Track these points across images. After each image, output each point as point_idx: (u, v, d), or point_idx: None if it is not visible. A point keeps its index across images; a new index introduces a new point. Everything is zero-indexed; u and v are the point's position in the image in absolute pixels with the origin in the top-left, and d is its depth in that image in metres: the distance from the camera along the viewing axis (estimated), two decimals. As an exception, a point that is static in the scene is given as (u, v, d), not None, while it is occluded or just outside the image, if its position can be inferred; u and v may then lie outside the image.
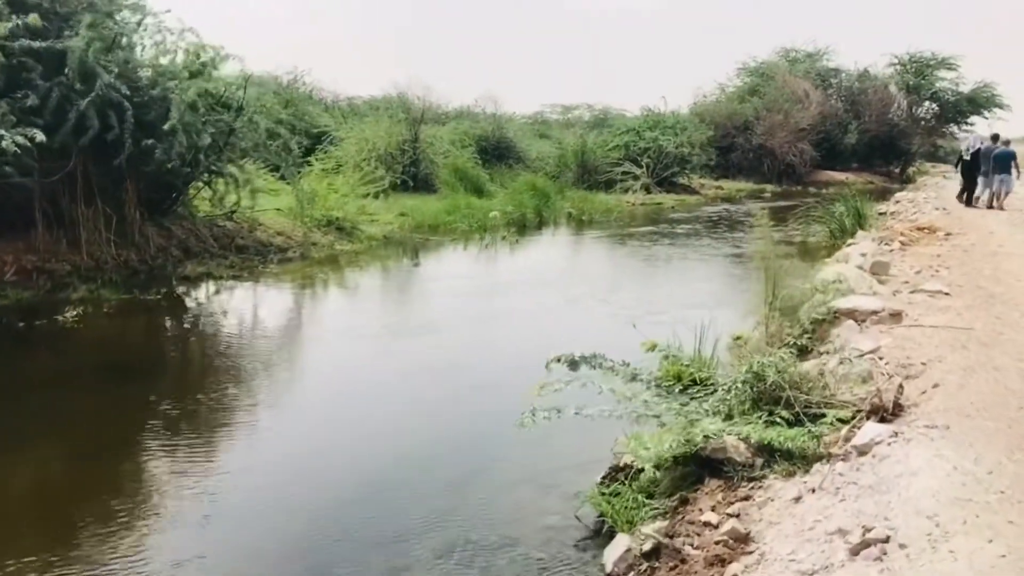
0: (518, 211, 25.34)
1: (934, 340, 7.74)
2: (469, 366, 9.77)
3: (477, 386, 8.97)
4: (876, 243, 14.32)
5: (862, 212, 21.20)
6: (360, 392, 8.89)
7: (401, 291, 14.95)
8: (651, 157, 36.42)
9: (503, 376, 9.15)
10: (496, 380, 9.02)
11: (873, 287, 10.20)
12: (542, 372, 7.79)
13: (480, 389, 8.85)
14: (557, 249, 21.34)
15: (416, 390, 8.84)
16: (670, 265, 18.25)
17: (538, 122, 52.89)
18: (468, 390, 8.86)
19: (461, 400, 8.53)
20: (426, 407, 8.32)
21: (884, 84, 49.86)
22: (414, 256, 18.55)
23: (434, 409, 8.26)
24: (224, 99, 17.02)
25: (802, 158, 43.98)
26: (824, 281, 10.27)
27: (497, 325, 11.70)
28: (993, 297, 10.05)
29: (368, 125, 31.74)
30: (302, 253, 17.66)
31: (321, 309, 13.45)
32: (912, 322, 8.71)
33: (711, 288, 14.49)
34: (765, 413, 6.16)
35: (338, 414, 8.23)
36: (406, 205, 25.47)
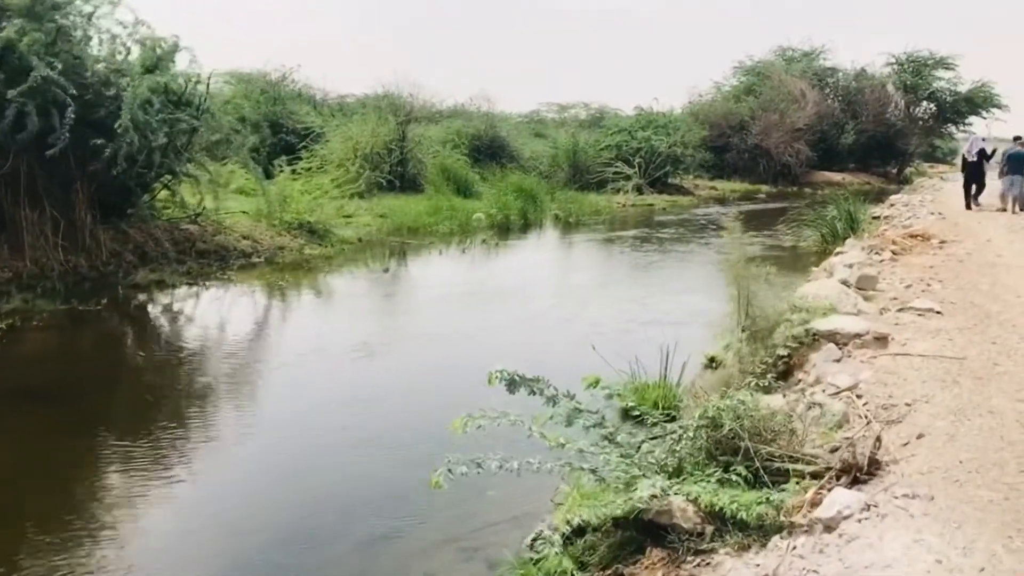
0: (502, 213, 24.36)
1: (921, 373, 6.76)
2: (404, 396, 8.65)
3: (409, 420, 7.97)
4: (865, 252, 13.34)
5: (855, 216, 20.23)
6: (272, 428, 7.80)
7: (355, 302, 13.83)
8: (643, 157, 35.42)
9: (440, 408, 8.12)
10: (432, 413, 7.97)
11: (858, 305, 9.22)
12: (481, 401, 6.87)
13: (413, 423, 7.85)
14: (536, 254, 20.30)
15: (338, 425, 7.82)
16: (649, 273, 17.24)
17: (534, 121, 51.92)
18: (399, 425, 7.86)
19: (389, 437, 7.53)
20: (345, 447, 7.32)
21: (881, 84, 48.77)
22: (386, 261, 17.58)
23: (354, 449, 7.27)
24: (184, 96, 16.01)
25: (798, 158, 42.94)
26: (803, 299, 9.30)
27: (448, 345, 10.60)
28: (989, 317, 9.07)
29: (353, 124, 30.75)
30: (267, 258, 16.71)
31: (262, 323, 12.27)
32: (898, 349, 7.73)
33: (690, 300, 13.48)
34: (721, 468, 5.21)
35: (241, 454, 7.21)
36: (389, 206, 24.54)
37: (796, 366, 8.45)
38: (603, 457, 5.17)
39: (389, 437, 7.50)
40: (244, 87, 35.39)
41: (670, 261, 18.24)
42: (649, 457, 5.29)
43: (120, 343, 11.34)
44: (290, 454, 7.15)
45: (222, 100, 18.72)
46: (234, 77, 36.47)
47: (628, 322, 11.85)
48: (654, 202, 32.69)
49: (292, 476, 6.69)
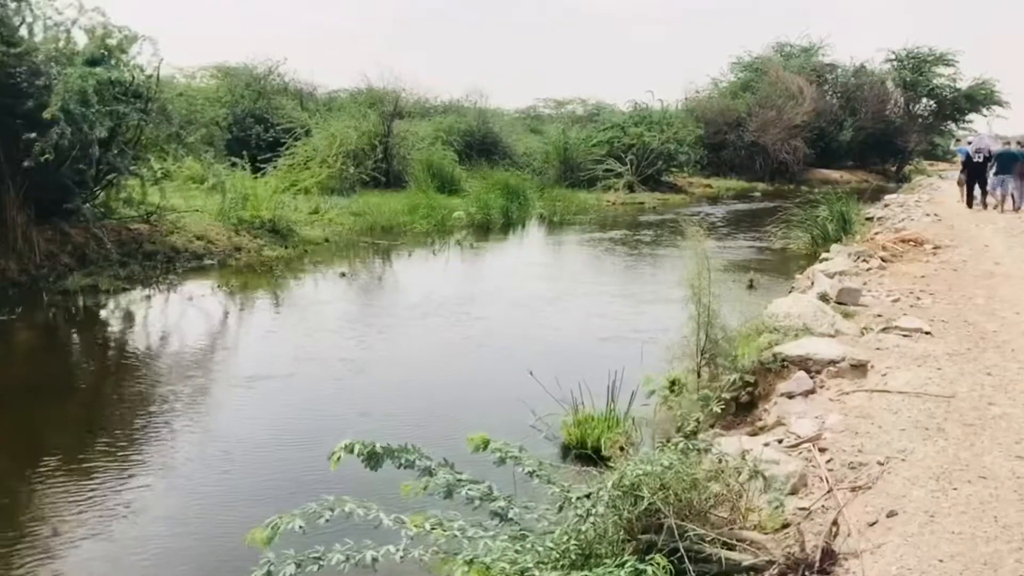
0: (481, 212, 23.17)
1: (900, 417, 5.57)
2: (267, 450, 7.15)
3: (257, 486, 6.49)
4: (852, 259, 12.12)
5: (847, 217, 19.02)
6: (121, 487, 6.42)
7: (284, 315, 12.46)
8: (635, 154, 34.17)
9: (302, 472, 6.78)
10: (296, 475, 6.59)
11: (836, 324, 8.02)
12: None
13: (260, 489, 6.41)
14: (507, 258, 18.97)
15: (186, 491, 6.36)
16: (618, 280, 15.82)
17: (530, 117, 50.68)
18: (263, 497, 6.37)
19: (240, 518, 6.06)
20: (181, 532, 5.88)
21: (881, 80, 47.34)
22: (347, 264, 16.38)
23: (190, 533, 5.84)
24: (135, 87, 14.84)
25: (795, 156, 41.61)
26: (773, 317, 8.10)
27: (364, 374, 9.13)
28: (984, 338, 7.87)
29: (336, 119, 29.58)
30: (220, 260, 15.57)
31: (178, 339, 10.79)
32: (876, 381, 6.54)
33: (658, 311, 12.22)
34: (641, 551, 4.04)
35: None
36: (368, 203, 23.38)
37: (761, 396, 7.27)
38: (484, 543, 3.98)
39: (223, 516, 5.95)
40: (229, 81, 34.33)
41: (643, 267, 16.92)
42: (548, 540, 4.09)
43: (18, 360, 10.07)
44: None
45: (175, 92, 17.20)
46: (220, 71, 35.39)
47: (585, 338, 10.67)
48: (644, 200, 31.45)
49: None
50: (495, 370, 9.21)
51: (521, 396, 7.80)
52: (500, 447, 4.55)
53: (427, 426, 7.44)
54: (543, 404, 7.40)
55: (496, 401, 8.14)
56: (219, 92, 33.06)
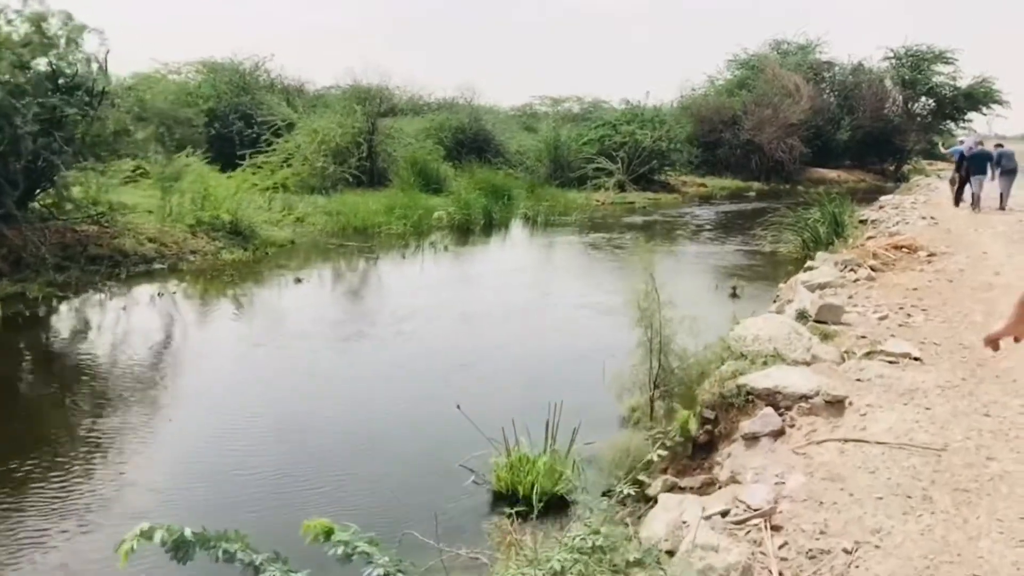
0: (461, 212, 22.06)
1: (879, 478, 4.49)
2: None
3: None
4: (839, 269, 11.01)
5: (840, 220, 17.92)
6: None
7: (215, 330, 11.13)
8: (627, 152, 32.99)
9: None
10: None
11: (812, 349, 6.92)
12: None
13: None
14: (479, 263, 17.57)
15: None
16: (588, 290, 14.53)
17: (526, 114, 49.52)
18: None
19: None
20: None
21: (879, 78, 45.97)
22: (308, 269, 15.29)
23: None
24: (76, 80, 13.77)
25: (791, 154, 40.34)
26: (740, 341, 7.01)
27: (269, 410, 7.72)
28: (982, 366, 6.78)
29: (319, 116, 28.49)
30: (171, 264, 14.48)
31: (86, 357, 9.52)
32: (854, 424, 5.45)
33: (626, 327, 11.17)
34: None
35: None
36: (347, 202, 22.28)
37: (722, 436, 6.19)
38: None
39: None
40: (213, 76, 33.26)
41: (616, 274, 15.37)
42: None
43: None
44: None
45: (120, 85, 16.09)
46: (206, 66, 34.33)
47: (538, 359, 9.48)
48: (635, 200, 30.26)
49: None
50: (424, 400, 7.90)
51: (450, 432, 6.74)
52: (347, 538, 3.46)
53: (320, 478, 6.35)
54: (476, 441, 6.34)
55: (418, 439, 7.05)
56: (201, 87, 32.11)
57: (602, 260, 17.51)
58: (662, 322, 6.15)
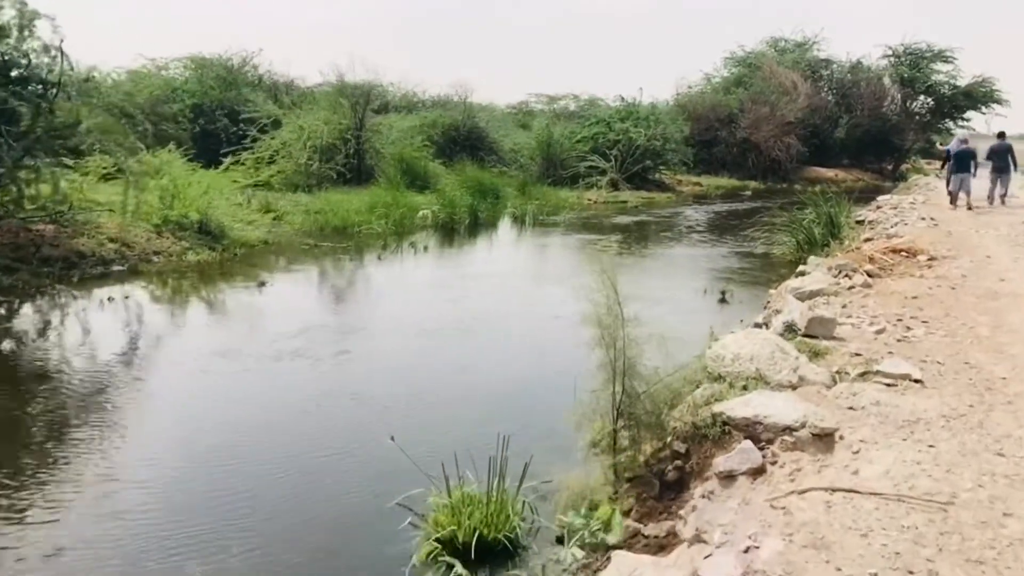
0: (446, 211, 21.22)
1: (872, 544, 3.64)
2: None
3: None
4: (832, 274, 10.14)
5: (836, 221, 17.09)
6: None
7: (156, 340, 10.09)
8: (620, 150, 32.14)
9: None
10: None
11: (800, 369, 6.07)
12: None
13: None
14: (454, 266, 16.46)
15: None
16: (566, 298, 13.70)
17: (522, 112, 48.63)
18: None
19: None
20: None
21: (877, 76, 45.02)
22: (275, 271, 14.42)
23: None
24: (30, 71, 12.92)
25: (788, 153, 39.47)
26: (718, 360, 6.17)
27: (190, 442, 6.82)
28: (991, 390, 5.94)
29: (305, 113, 27.65)
30: (131, 266, 13.64)
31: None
32: (846, 465, 4.61)
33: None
34: None
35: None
36: (330, 200, 21.49)
37: (694, 472, 5.35)
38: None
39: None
40: (200, 72, 32.40)
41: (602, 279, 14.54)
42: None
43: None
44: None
45: (80, 78, 15.20)
46: (194, 62, 33.44)
47: (495, 381, 8.56)
48: (627, 199, 29.39)
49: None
50: (363, 430, 6.99)
51: (391, 466, 5.90)
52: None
53: (241, 521, 5.51)
54: (420, 477, 5.52)
55: (355, 475, 6.20)
56: (187, 83, 31.28)
57: (584, 263, 16.61)
58: (626, 340, 5.29)
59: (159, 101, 29.61)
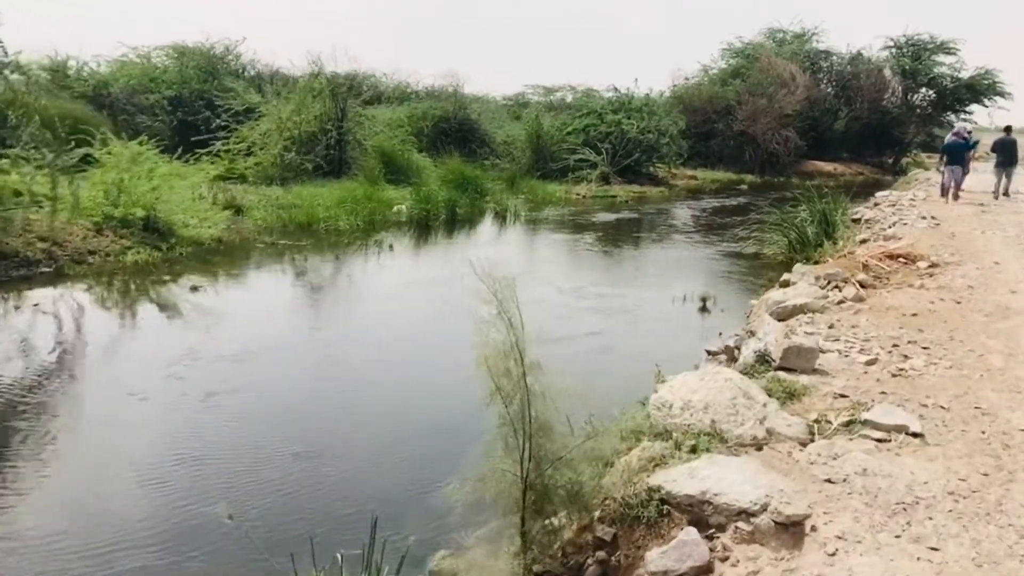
0: (420, 206, 19.87)
1: None
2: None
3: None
4: (820, 285, 8.78)
5: (830, 219, 15.72)
6: None
7: (36, 361, 8.31)
8: (612, 143, 30.73)
9: None
10: None
11: (768, 420, 4.74)
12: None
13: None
14: (415, 268, 14.46)
15: None
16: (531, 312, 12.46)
17: (517, 104, 47.19)
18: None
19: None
20: None
21: (878, 68, 43.39)
22: (216, 274, 13.06)
23: None
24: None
25: (786, 146, 37.95)
26: (663, 407, 4.84)
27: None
28: (1011, 448, 4.65)
29: (282, 102, 26.26)
30: (59, 267, 12.32)
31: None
32: (818, 570, 3.29)
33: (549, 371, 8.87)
34: None
35: None
36: (302, 194, 20.18)
37: (622, 570, 4.02)
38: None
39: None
40: (180, 61, 31.05)
41: (566, 291, 12.86)
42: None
43: None
44: None
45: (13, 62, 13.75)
46: (176, 51, 32.07)
47: (400, 427, 6.87)
48: (617, 194, 27.97)
49: None
50: (195, 502, 5.31)
51: (237, 547, 4.59)
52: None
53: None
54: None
55: (192, 557, 4.83)
56: (166, 72, 29.95)
57: (555, 267, 15.25)
58: (531, 394, 3.95)
59: (135, 91, 28.45)
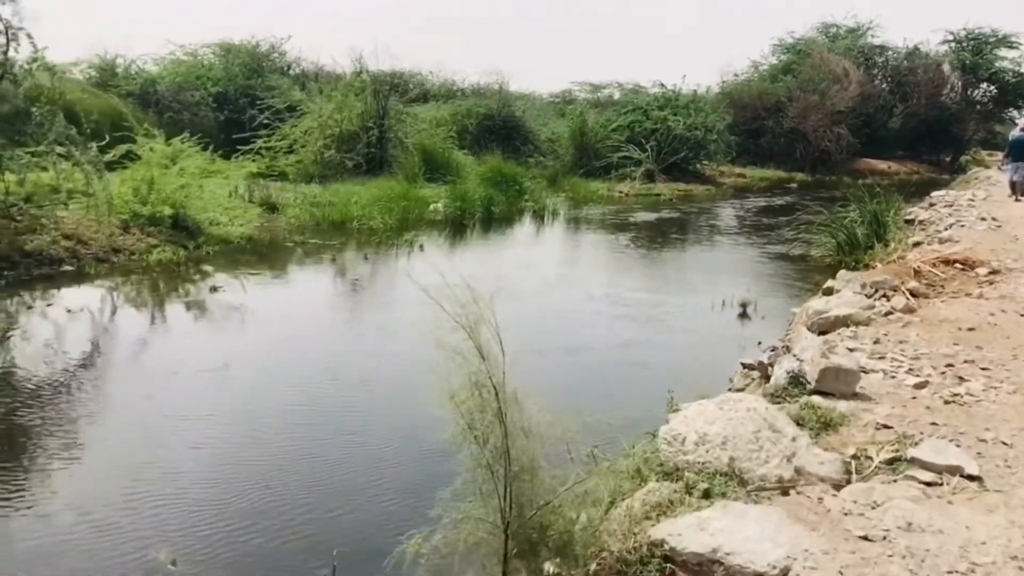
0: (454, 205, 19.35)
1: None
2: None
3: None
4: (866, 294, 8.01)
5: (881, 220, 14.83)
6: None
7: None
8: (658, 140, 29.89)
9: None
10: None
11: (797, 457, 4.07)
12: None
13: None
14: (424, 274, 13.55)
15: None
16: (538, 332, 10.78)
17: (564, 101, 46.53)
18: None
19: None
20: None
21: (936, 63, 41.78)
22: (239, 275, 12.66)
23: None
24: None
25: (838, 144, 36.65)
26: (674, 444, 4.19)
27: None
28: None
29: (325, 100, 26.03)
30: (80, 267, 12.05)
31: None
32: None
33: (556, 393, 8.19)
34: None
35: None
36: (340, 192, 19.82)
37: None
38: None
39: None
40: (226, 58, 31.05)
41: (591, 303, 11.91)
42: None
43: None
44: None
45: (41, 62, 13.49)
46: (223, 48, 32.08)
47: (325, 475, 5.74)
48: (662, 192, 27.14)
49: None
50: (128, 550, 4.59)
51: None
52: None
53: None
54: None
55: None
56: (211, 70, 29.97)
57: (587, 270, 14.55)
58: (508, 434, 3.35)
59: (181, 88, 28.49)
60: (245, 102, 28.24)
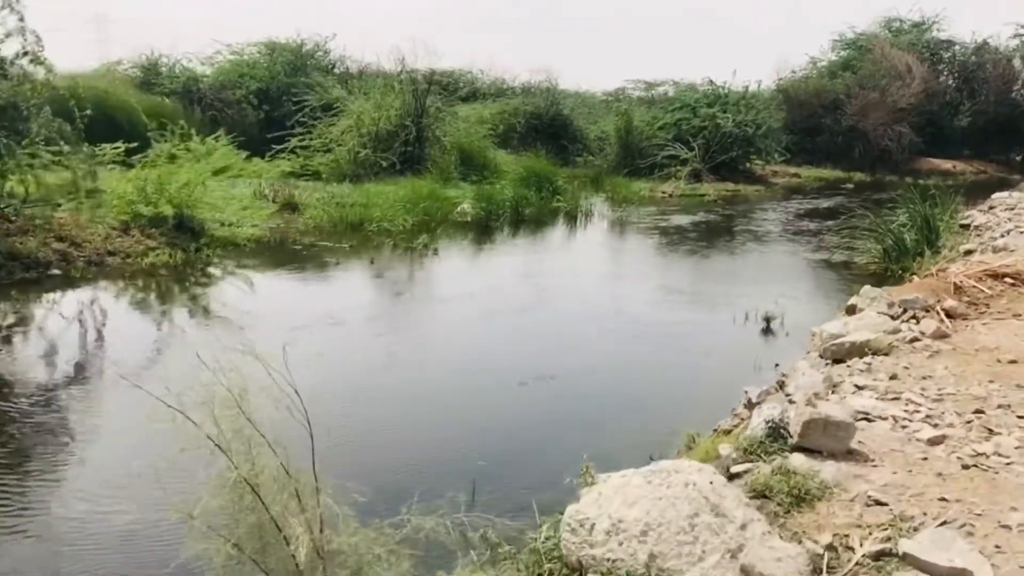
0: (480, 206, 18.42)
1: None
2: None
3: None
4: (893, 314, 6.81)
5: (932, 224, 13.49)
6: None
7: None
8: (706, 138, 28.51)
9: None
10: None
11: (744, 552, 3.02)
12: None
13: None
14: (452, 281, 12.86)
15: None
16: (532, 360, 9.44)
17: (617, 99, 45.28)
18: None
19: None
20: None
21: (1007, 58, 39.27)
22: (234, 279, 11.95)
23: None
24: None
25: (899, 143, 34.61)
26: (581, 534, 3.14)
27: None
28: None
29: (364, 99, 25.43)
30: (68, 271, 11.47)
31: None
32: None
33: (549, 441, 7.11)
34: None
35: None
36: (369, 192, 19.11)
37: None
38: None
39: None
40: (271, 57, 30.75)
41: (597, 320, 10.70)
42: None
43: None
44: None
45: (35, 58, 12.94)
46: (268, 47, 31.80)
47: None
48: (707, 192, 25.73)
49: None
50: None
51: None
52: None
53: None
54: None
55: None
56: (254, 68, 29.70)
57: (605, 280, 13.49)
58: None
59: (224, 87, 28.29)
60: (287, 100, 27.93)
